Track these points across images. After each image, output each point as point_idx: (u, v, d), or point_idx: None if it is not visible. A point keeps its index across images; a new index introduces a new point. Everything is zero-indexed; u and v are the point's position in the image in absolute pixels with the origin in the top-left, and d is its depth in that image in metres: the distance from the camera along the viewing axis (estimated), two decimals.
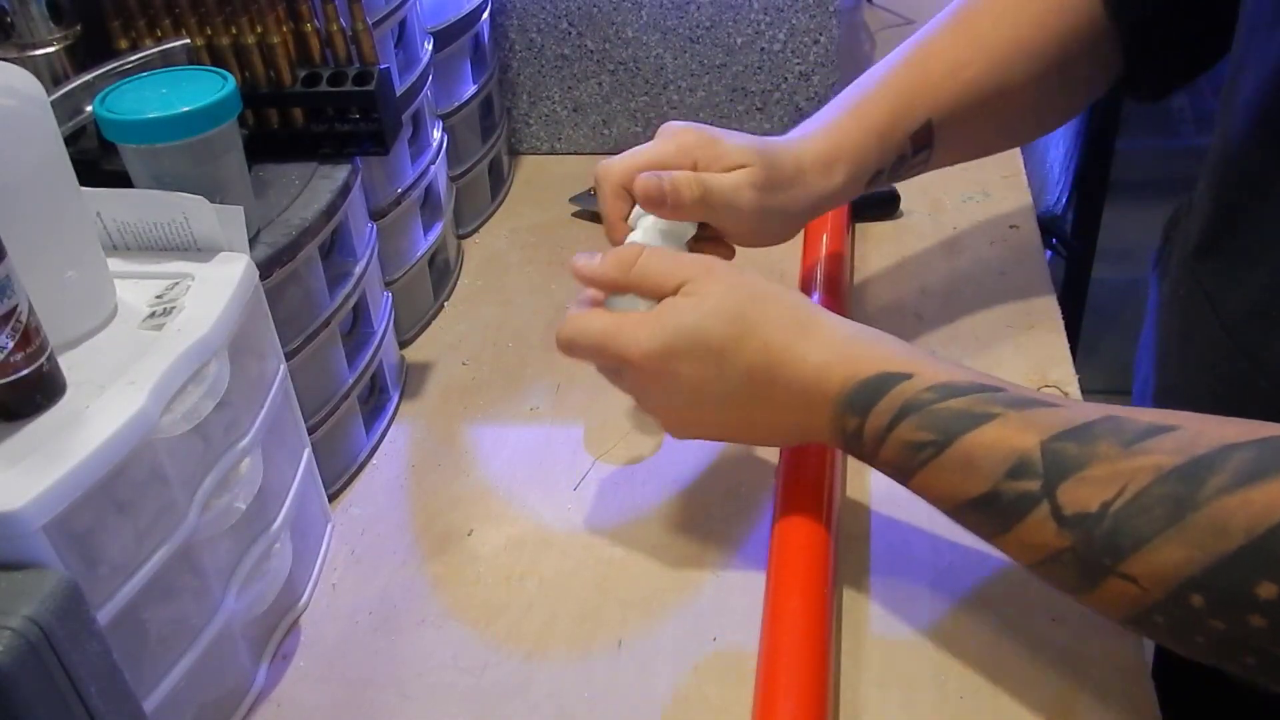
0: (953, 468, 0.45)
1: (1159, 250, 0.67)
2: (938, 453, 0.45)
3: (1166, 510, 0.39)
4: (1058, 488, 0.42)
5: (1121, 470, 0.41)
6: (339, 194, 0.60)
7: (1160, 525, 0.39)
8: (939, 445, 0.45)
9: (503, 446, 0.66)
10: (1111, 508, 0.40)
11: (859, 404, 0.48)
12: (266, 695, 0.52)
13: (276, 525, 0.53)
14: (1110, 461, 0.41)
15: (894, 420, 0.47)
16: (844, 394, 0.49)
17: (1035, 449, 0.43)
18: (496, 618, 0.55)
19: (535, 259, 0.83)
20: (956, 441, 0.45)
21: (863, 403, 0.48)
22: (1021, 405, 0.45)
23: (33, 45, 0.58)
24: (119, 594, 0.42)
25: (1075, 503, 0.41)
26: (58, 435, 0.41)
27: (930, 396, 0.46)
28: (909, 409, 0.46)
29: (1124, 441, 0.41)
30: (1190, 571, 0.38)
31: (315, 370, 0.60)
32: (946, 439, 0.45)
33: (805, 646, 0.48)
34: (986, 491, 0.44)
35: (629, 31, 0.89)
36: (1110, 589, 0.41)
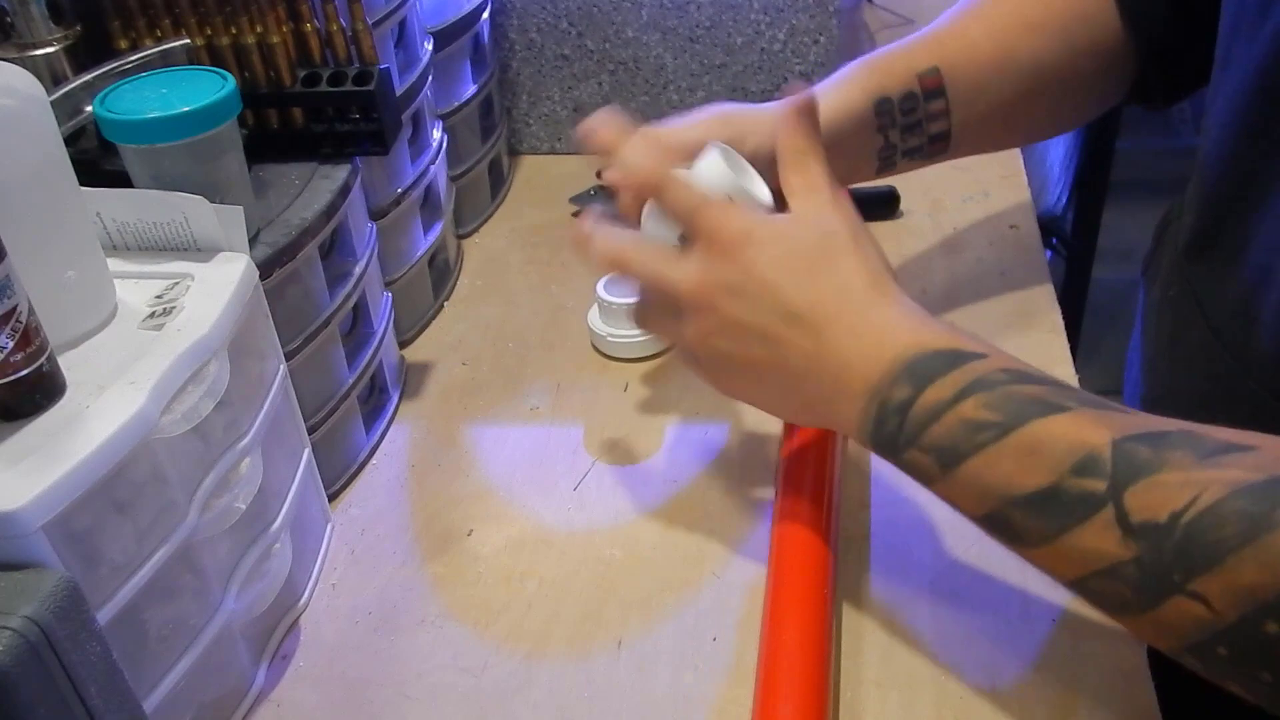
0: (1013, 455, 0.41)
1: (1149, 253, 0.67)
2: (1000, 435, 0.42)
3: (1241, 528, 0.36)
4: (1126, 490, 0.39)
5: (1195, 479, 0.38)
6: (339, 194, 0.60)
7: (1234, 543, 0.36)
8: (1004, 428, 0.42)
9: (503, 446, 0.66)
10: (1182, 519, 0.37)
11: (921, 371, 0.44)
12: (266, 695, 0.52)
13: (276, 525, 0.53)
14: (1184, 469, 0.38)
15: (960, 394, 0.43)
16: (906, 358, 0.45)
17: (1106, 446, 0.40)
18: (496, 618, 0.55)
19: (535, 259, 0.83)
20: (1024, 426, 0.41)
21: (927, 371, 0.44)
22: (1096, 405, 0.42)
23: (33, 45, 0.58)
24: (119, 594, 0.42)
25: (1143, 509, 0.38)
26: (57, 435, 0.41)
27: (1003, 378, 0.43)
28: (980, 385, 0.43)
29: (1200, 453, 0.39)
30: (1267, 596, 0.35)
31: (315, 370, 0.60)
32: (1014, 421, 0.41)
33: (805, 646, 0.48)
34: (1046, 485, 0.40)
35: (629, 31, 0.89)
36: (1173, 610, 0.38)
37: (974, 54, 0.63)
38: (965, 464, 0.43)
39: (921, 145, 0.64)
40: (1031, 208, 0.83)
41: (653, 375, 0.70)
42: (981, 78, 0.63)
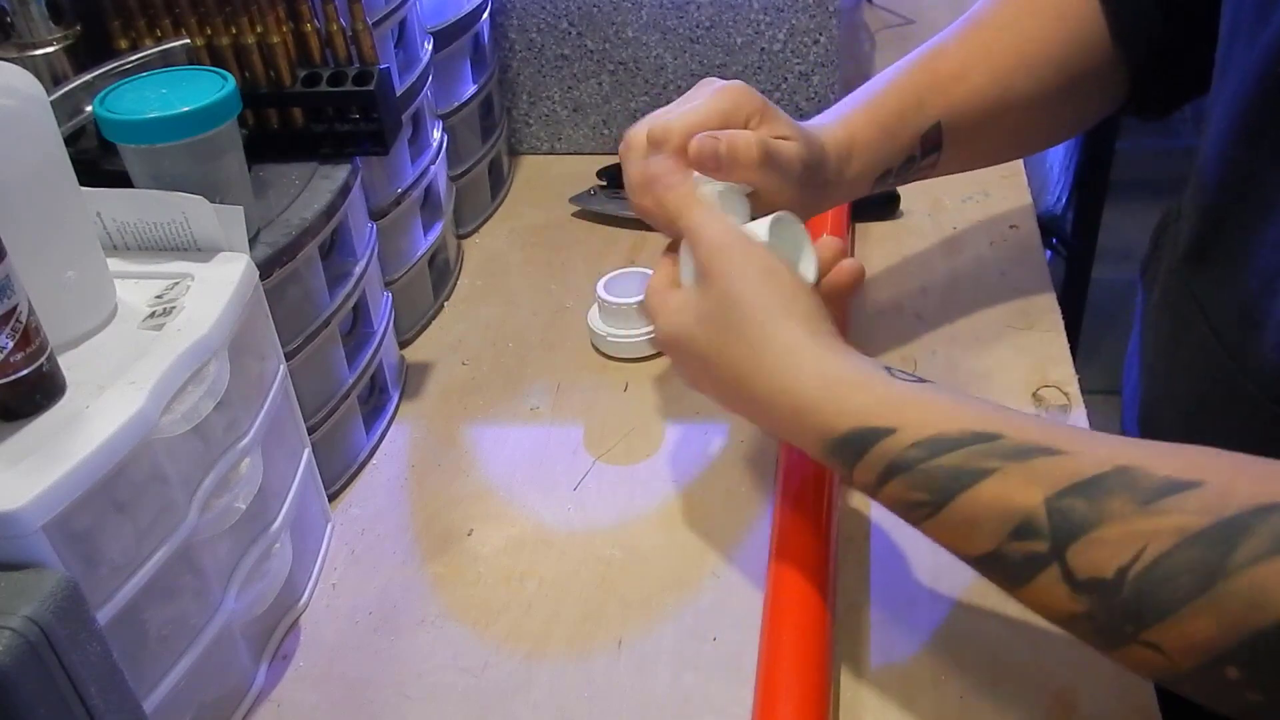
0: (952, 527, 0.42)
1: (1147, 257, 0.67)
2: (934, 512, 0.42)
3: (1193, 580, 0.35)
4: (1067, 550, 0.38)
5: (1138, 531, 0.37)
6: (339, 194, 0.60)
7: (1187, 595, 0.36)
8: (935, 505, 0.42)
9: (503, 446, 0.66)
10: (1130, 573, 0.37)
11: (846, 455, 0.45)
12: (266, 695, 0.52)
13: (276, 525, 0.53)
14: (1124, 521, 0.37)
15: (882, 478, 0.44)
16: (830, 443, 0.46)
17: (1040, 507, 0.39)
18: (496, 618, 0.55)
19: (535, 259, 0.83)
20: (953, 501, 0.41)
21: (849, 455, 0.45)
22: (1021, 456, 0.41)
23: (33, 45, 0.58)
24: (119, 594, 0.42)
25: (1088, 567, 0.38)
26: (58, 435, 0.41)
27: (917, 454, 0.43)
28: (896, 468, 0.43)
29: (1140, 499, 0.38)
30: (1224, 645, 0.35)
31: (315, 370, 0.60)
32: (942, 499, 0.42)
33: (805, 646, 0.48)
34: (991, 551, 0.41)
35: (629, 31, 0.89)
36: (1134, 656, 0.38)
37: (973, 101, 0.64)
38: (919, 528, 0.44)
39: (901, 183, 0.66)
40: (1031, 208, 0.83)
41: (653, 375, 0.70)
42: (978, 123, 0.64)
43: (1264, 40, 0.48)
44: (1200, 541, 0.36)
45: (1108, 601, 0.37)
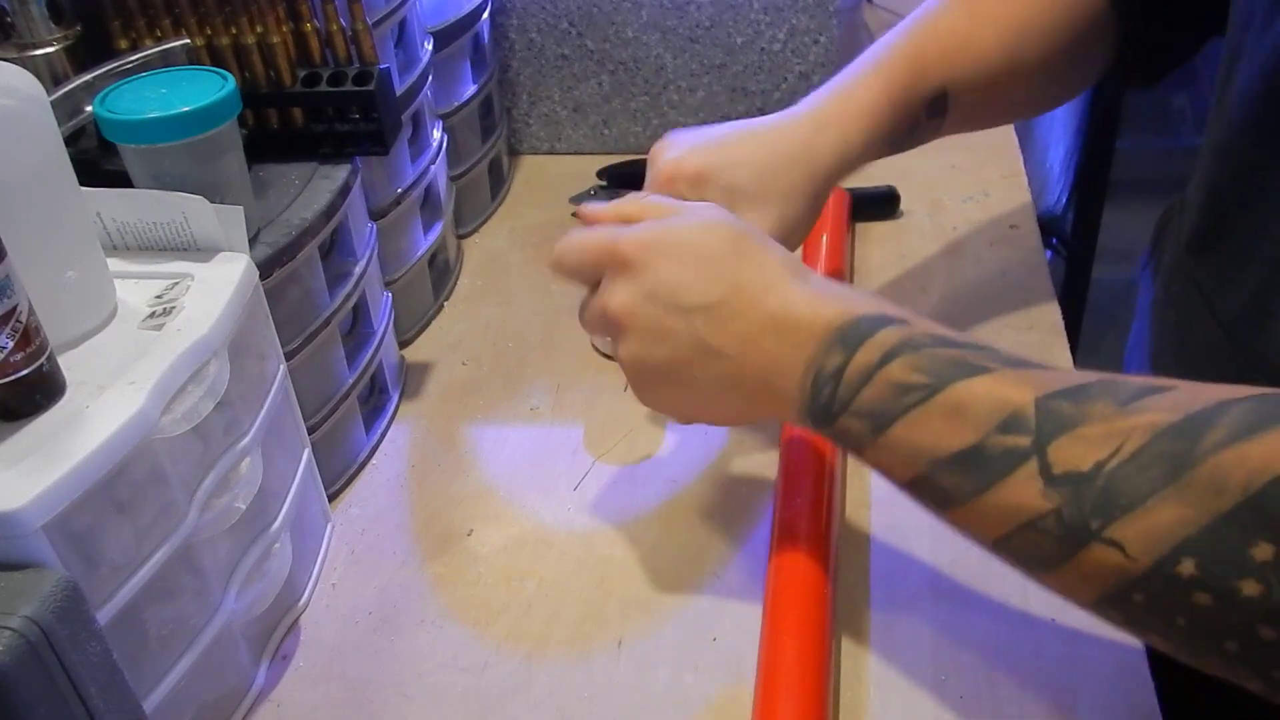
0: (940, 415, 0.42)
1: (1150, 249, 0.67)
2: (927, 396, 0.42)
3: (1163, 469, 0.37)
4: (1050, 444, 0.39)
5: (1117, 429, 0.38)
6: (339, 194, 0.60)
7: (1156, 484, 0.37)
8: (930, 389, 0.42)
9: (503, 446, 0.66)
10: (1106, 466, 0.38)
11: (851, 337, 0.45)
12: (266, 695, 0.52)
13: (276, 525, 0.53)
14: (1106, 420, 0.39)
15: (886, 356, 0.44)
16: (836, 326, 0.45)
17: (1029, 404, 0.40)
18: (496, 618, 0.55)
19: (535, 259, 0.83)
20: (949, 387, 0.42)
21: (856, 337, 0.45)
22: (1017, 364, 0.42)
23: (33, 45, 0.58)
24: (119, 594, 0.42)
25: (1067, 461, 0.39)
26: (57, 435, 0.41)
27: (925, 341, 0.44)
28: (905, 347, 0.44)
29: (1120, 401, 0.39)
30: (1185, 533, 0.36)
31: (315, 370, 0.60)
32: (939, 383, 0.42)
33: (805, 646, 0.48)
34: (972, 444, 0.41)
35: (629, 31, 0.89)
36: (1090, 560, 0.38)
37: (980, 68, 0.64)
38: (895, 426, 0.43)
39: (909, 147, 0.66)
40: (1031, 207, 0.83)
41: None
42: (984, 90, 0.64)
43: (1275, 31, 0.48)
44: (1170, 434, 0.37)
45: (1079, 495, 0.38)
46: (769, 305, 0.47)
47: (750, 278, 0.48)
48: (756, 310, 0.47)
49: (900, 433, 0.43)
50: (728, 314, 0.48)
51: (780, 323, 0.47)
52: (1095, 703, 0.48)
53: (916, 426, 0.43)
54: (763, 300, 0.47)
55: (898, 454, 0.43)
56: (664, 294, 0.48)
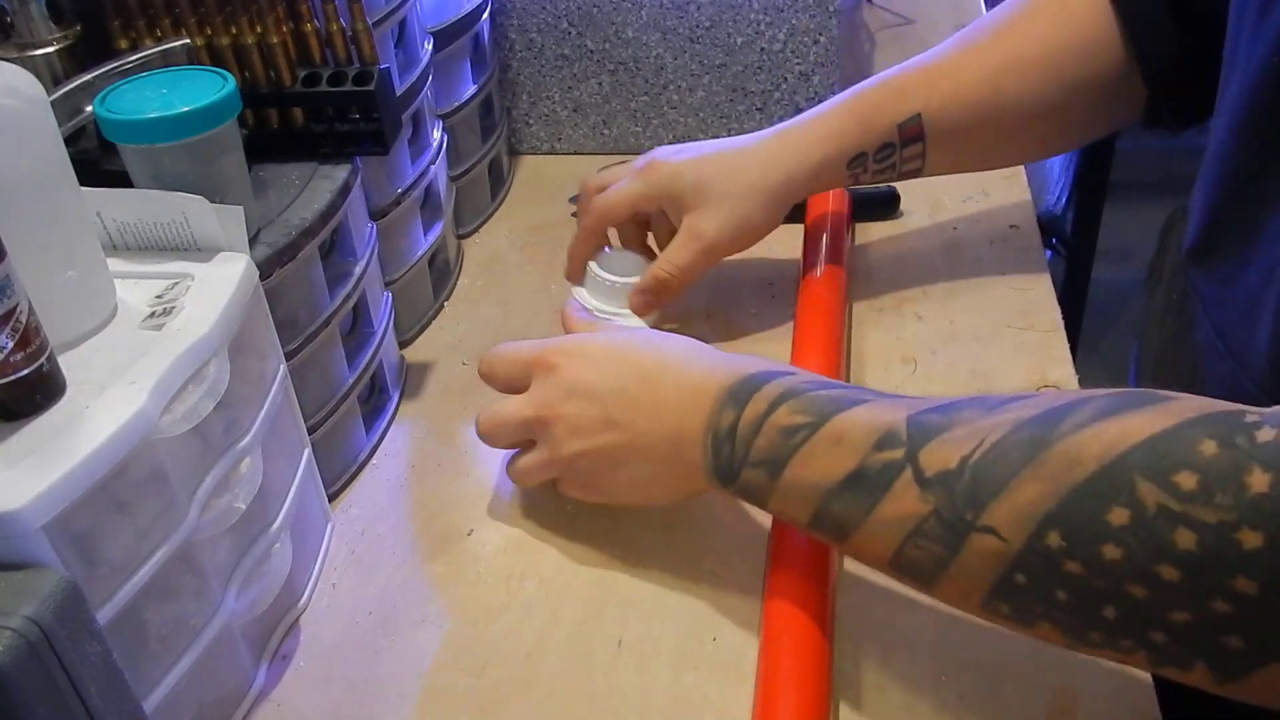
0: (824, 448, 0.45)
1: (1153, 258, 0.67)
2: (811, 434, 0.45)
3: (1022, 453, 0.39)
4: (920, 451, 0.42)
5: (981, 427, 0.41)
6: (339, 194, 0.60)
7: (1016, 467, 0.39)
8: (813, 426, 0.45)
9: None
10: (971, 460, 0.40)
11: (740, 395, 0.48)
12: (266, 695, 0.52)
13: (276, 525, 0.53)
14: (970, 423, 0.41)
15: (772, 405, 0.47)
16: (726, 386, 0.49)
17: (901, 421, 0.43)
18: (496, 617, 0.55)
19: (535, 259, 0.83)
20: (829, 422, 0.45)
21: (744, 393, 0.48)
22: (893, 396, 0.46)
23: (33, 45, 0.58)
24: (119, 594, 0.42)
25: (936, 463, 0.41)
26: (58, 435, 0.41)
27: (808, 386, 0.47)
28: (788, 395, 0.47)
29: (986, 407, 0.42)
30: (1047, 506, 0.38)
31: (315, 370, 0.60)
32: (820, 419, 0.45)
33: (804, 646, 0.48)
34: (855, 468, 0.44)
35: (629, 31, 0.89)
36: (973, 551, 0.40)
37: (960, 96, 0.65)
38: (788, 468, 0.46)
39: (891, 177, 0.69)
40: (1031, 207, 0.83)
41: None
42: (965, 120, 0.66)
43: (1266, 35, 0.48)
44: (1030, 424, 0.40)
45: (950, 491, 0.40)
46: (669, 381, 0.52)
47: (652, 363, 0.53)
48: (659, 388, 0.52)
49: (793, 473, 0.46)
50: (634, 396, 0.52)
51: (679, 394, 0.51)
52: (1095, 703, 0.48)
53: (806, 464, 0.45)
54: (663, 378, 0.52)
55: (794, 494, 0.46)
56: (581, 389, 0.54)
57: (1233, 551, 0.34)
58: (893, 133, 0.65)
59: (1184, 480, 0.35)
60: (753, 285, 0.78)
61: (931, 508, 0.41)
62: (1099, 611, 0.38)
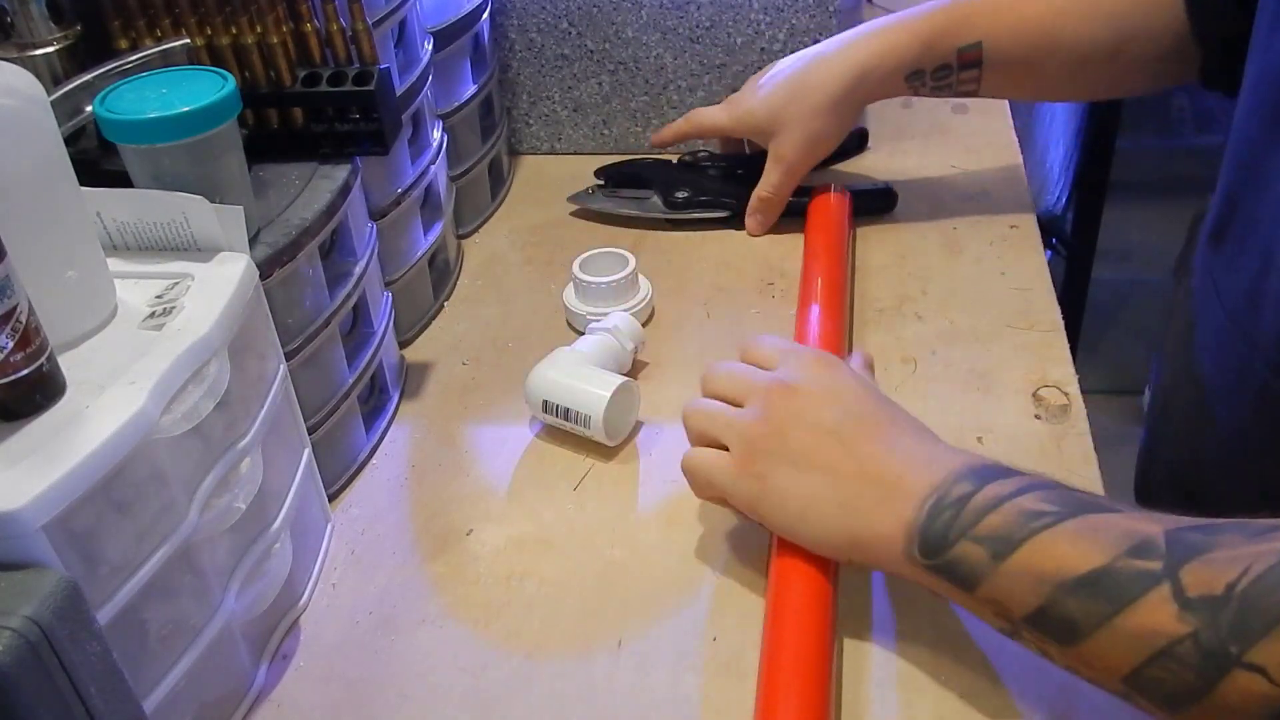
0: (1069, 538, 0.41)
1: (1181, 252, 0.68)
2: (1057, 521, 0.42)
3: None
4: (1182, 567, 0.38)
5: (1244, 554, 0.38)
6: (339, 194, 0.60)
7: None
8: (1060, 516, 0.42)
9: (503, 446, 0.66)
10: (1237, 588, 0.37)
11: (985, 474, 0.45)
12: (266, 695, 0.52)
13: (276, 525, 0.53)
14: (1234, 547, 0.38)
15: (1020, 490, 0.44)
16: (970, 464, 0.46)
17: (1159, 534, 0.40)
18: (496, 618, 0.55)
19: (535, 259, 0.83)
20: (1080, 516, 0.42)
21: (989, 474, 0.45)
22: (1149, 511, 0.42)
23: (33, 45, 0.58)
24: (119, 594, 0.42)
25: (1200, 584, 0.38)
26: (58, 435, 0.41)
27: (1061, 486, 0.44)
28: (1039, 486, 0.44)
29: (1249, 534, 0.39)
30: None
31: (315, 370, 0.60)
32: (1071, 512, 0.42)
33: (806, 645, 0.48)
34: (1102, 565, 0.40)
35: (629, 31, 0.89)
36: (1235, 688, 0.36)
37: (1021, 30, 0.68)
38: (1019, 551, 0.42)
39: (947, 94, 0.74)
40: (1031, 207, 0.83)
41: (653, 375, 0.70)
42: (1022, 53, 0.69)
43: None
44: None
45: (1215, 618, 0.37)
46: (914, 438, 0.49)
47: (894, 415, 0.51)
48: (902, 436, 0.49)
49: (1025, 557, 0.42)
50: (872, 429, 0.49)
51: (920, 449, 0.48)
52: (1095, 703, 0.48)
53: (1044, 550, 0.42)
54: (909, 434, 0.49)
55: (1020, 581, 0.42)
56: (812, 420, 0.50)
57: None
58: (951, 55, 0.69)
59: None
60: (754, 285, 0.78)
61: (1190, 630, 0.37)
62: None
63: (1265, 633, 0.36)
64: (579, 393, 0.63)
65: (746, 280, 0.78)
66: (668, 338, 0.73)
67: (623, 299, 0.73)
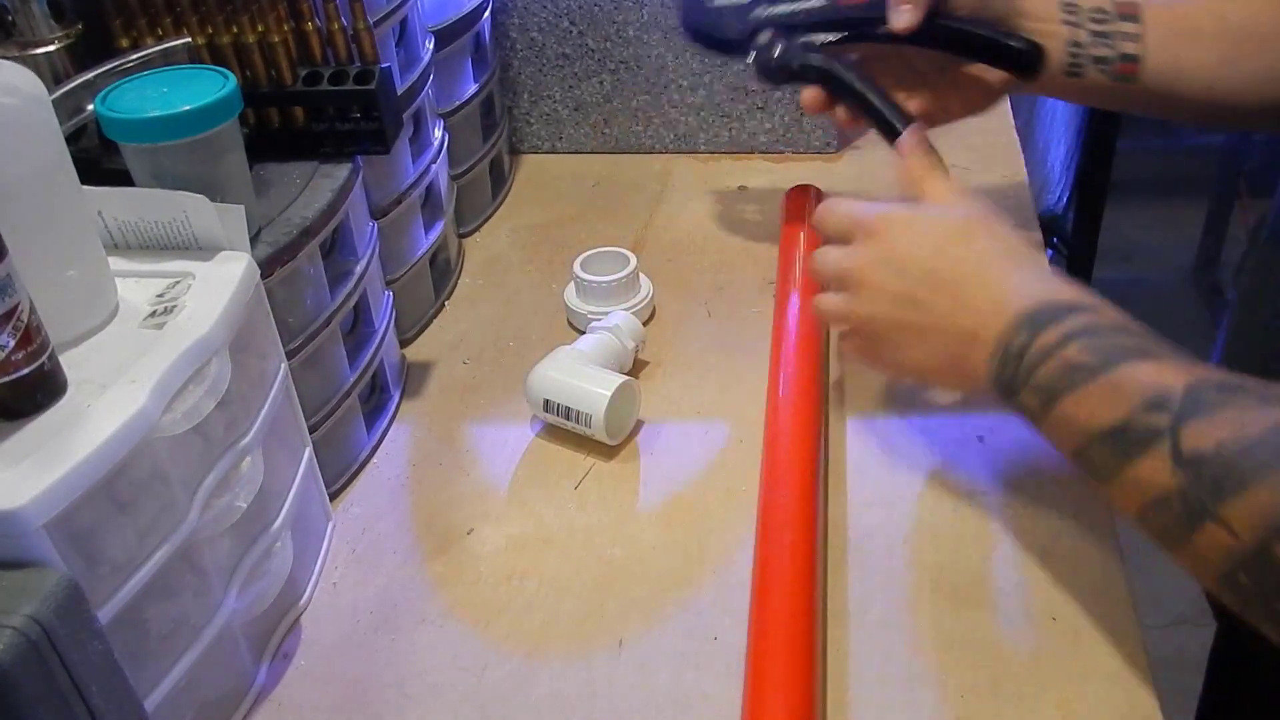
0: (1099, 394, 0.45)
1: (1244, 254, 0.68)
2: (1091, 375, 0.45)
3: (1268, 454, 0.38)
4: (1184, 424, 0.41)
5: (1248, 417, 0.40)
6: (340, 193, 0.60)
7: (1262, 468, 0.38)
8: (1095, 370, 0.45)
9: (503, 445, 0.66)
10: (1225, 447, 0.40)
11: (1040, 320, 0.48)
12: (267, 694, 0.52)
13: (277, 524, 0.53)
14: (1242, 409, 0.41)
15: (1064, 339, 0.47)
16: (1028, 308, 0.49)
17: (1179, 387, 0.42)
18: (497, 617, 0.55)
19: (536, 258, 0.83)
20: (1113, 369, 0.45)
21: (1043, 319, 0.48)
22: (1190, 359, 0.45)
23: (34, 44, 0.58)
24: (120, 593, 0.42)
25: (1195, 440, 0.41)
26: (59, 434, 0.41)
27: (1107, 326, 0.47)
28: (1084, 333, 0.47)
29: (1265, 398, 0.41)
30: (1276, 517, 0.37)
31: (316, 369, 0.60)
32: (1104, 365, 0.45)
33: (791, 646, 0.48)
34: (1121, 420, 0.43)
35: (630, 30, 0.89)
36: (1205, 538, 0.40)
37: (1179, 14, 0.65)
38: (1061, 403, 0.46)
39: (1110, 59, 0.66)
40: (1032, 207, 0.83)
41: (654, 374, 0.70)
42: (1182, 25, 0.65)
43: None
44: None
45: (1199, 475, 0.40)
46: (980, 281, 0.52)
47: (973, 257, 0.53)
48: (968, 285, 0.52)
49: (1065, 409, 0.46)
50: (943, 282, 0.53)
51: (986, 297, 0.51)
52: (1095, 702, 0.48)
53: (1079, 403, 0.46)
54: (976, 277, 0.52)
55: (1063, 429, 0.47)
56: (896, 261, 0.55)
57: None
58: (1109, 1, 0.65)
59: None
60: (754, 284, 0.78)
61: (1177, 485, 0.41)
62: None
63: (1236, 490, 0.39)
64: (580, 392, 0.63)
65: (747, 280, 0.78)
66: (669, 337, 0.73)
67: (623, 298, 0.73)
